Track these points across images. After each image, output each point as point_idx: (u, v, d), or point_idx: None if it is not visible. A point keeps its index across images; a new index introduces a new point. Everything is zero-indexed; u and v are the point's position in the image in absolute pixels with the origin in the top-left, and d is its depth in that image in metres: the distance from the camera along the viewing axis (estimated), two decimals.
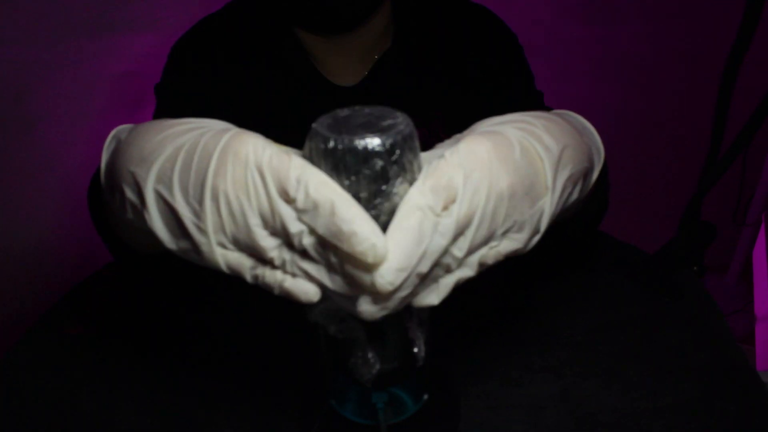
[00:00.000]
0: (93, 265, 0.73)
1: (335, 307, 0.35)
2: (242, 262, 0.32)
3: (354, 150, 0.30)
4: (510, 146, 0.33)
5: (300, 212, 0.29)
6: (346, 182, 0.30)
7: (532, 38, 0.80)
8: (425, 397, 0.45)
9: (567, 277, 0.66)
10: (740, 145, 0.48)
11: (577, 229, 0.55)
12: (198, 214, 0.31)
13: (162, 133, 0.34)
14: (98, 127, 1.11)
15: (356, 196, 0.31)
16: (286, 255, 0.31)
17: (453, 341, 0.58)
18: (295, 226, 0.29)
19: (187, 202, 0.32)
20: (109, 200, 0.38)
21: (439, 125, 0.71)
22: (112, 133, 0.40)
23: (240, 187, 0.30)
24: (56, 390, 0.56)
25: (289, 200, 0.30)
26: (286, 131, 0.48)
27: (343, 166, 0.30)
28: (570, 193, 0.36)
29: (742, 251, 1.56)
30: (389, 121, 0.32)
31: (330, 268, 0.30)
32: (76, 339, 0.62)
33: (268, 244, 0.30)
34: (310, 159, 0.32)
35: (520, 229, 0.33)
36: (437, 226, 0.29)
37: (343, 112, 0.33)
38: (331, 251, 0.29)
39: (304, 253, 0.31)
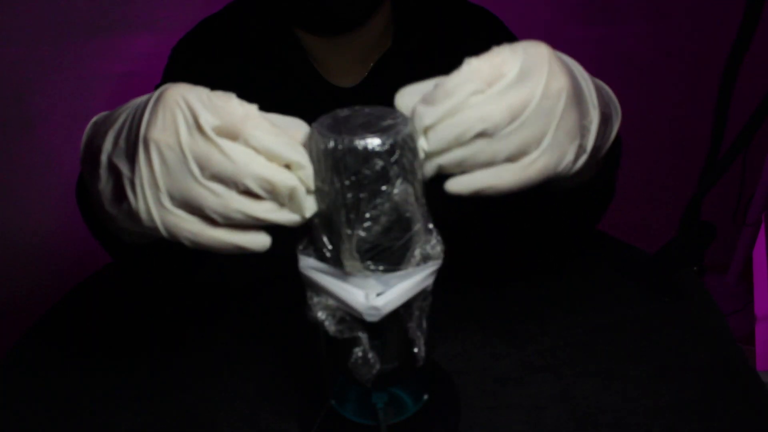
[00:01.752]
0: (93, 265, 0.73)
1: (335, 306, 0.35)
2: (181, 224, 0.30)
3: (354, 150, 0.30)
4: (562, 60, 0.34)
5: (255, 147, 0.29)
6: (347, 182, 0.30)
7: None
8: (425, 397, 0.45)
9: (567, 277, 0.66)
10: (740, 145, 0.48)
11: (591, 197, 0.55)
12: (134, 171, 0.30)
13: (123, 107, 0.35)
14: None
15: (356, 197, 0.31)
16: (231, 200, 0.30)
17: (453, 341, 0.58)
18: (242, 162, 0.29)
19: (128, 161, 0.31)
20: (87, 183, 0.38)
21: None
22: (92, 120, 0.40)
23: (170, 133, 0.29)
24: (56, 390, 0.56)
25: (232, 136, 0.29)
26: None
27: (343, 166, 0.30)
28: (601, 135, 0.37)
29: (742, 251, 1.56)
30: (389, 121, 0.32)
31: (279, 202, 0.30)
32: (76, 339, 0.62)
33: (206, 191, 0.29)
34: (310, 159, 0.32)
35: (570, 140, 0.33)
36: (482, 99, 0.30)
37: (343, 112, 0.33)
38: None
39: (247, 194, 0.30)
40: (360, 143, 0.30)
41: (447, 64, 0.76)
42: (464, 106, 0.31)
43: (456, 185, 0.33)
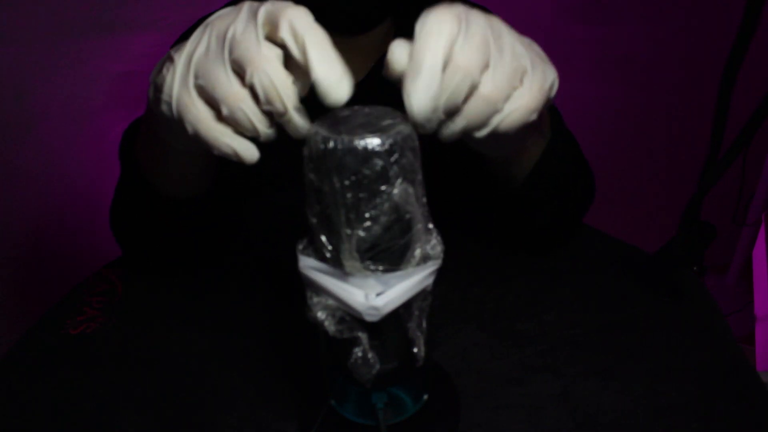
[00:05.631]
0: (93, 265, 0.73)
1: (335, 306, 0.35)
2: (190, 106, 0.32)
3: (354, 150, 0.30)
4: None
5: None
6: (346, 182, 0.30)
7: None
8: (425, 397, 0.45)
9: (567, 276, 0.66)
10: (740, 145, 0.48)
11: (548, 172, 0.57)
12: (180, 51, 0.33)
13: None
14: (98, 126, 1.11)
15: (356, 196, 0.31)
16: (240, 92, 0.31)
17: (453, 341, 0.58)
18: (265, 58, 0.30)
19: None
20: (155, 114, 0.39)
21: None
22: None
23: (227, 21, 0.31)
24: (56, 390, 0.56)
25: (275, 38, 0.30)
26: (285, 131, 0.49)
27: (343, 166, 0.30)
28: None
29: (742, 251, 1.56)
30: (389, 121, 0.32)
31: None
32: (76, 339, 0.62)
33: (224, 76, 0.30)
34: (310, 159, 0.32)
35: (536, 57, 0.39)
36: None
37: (343, 112, 0.33)
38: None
39: (256, 98, 0.31)
40: (360, 143, 0.30)
41: None
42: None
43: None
